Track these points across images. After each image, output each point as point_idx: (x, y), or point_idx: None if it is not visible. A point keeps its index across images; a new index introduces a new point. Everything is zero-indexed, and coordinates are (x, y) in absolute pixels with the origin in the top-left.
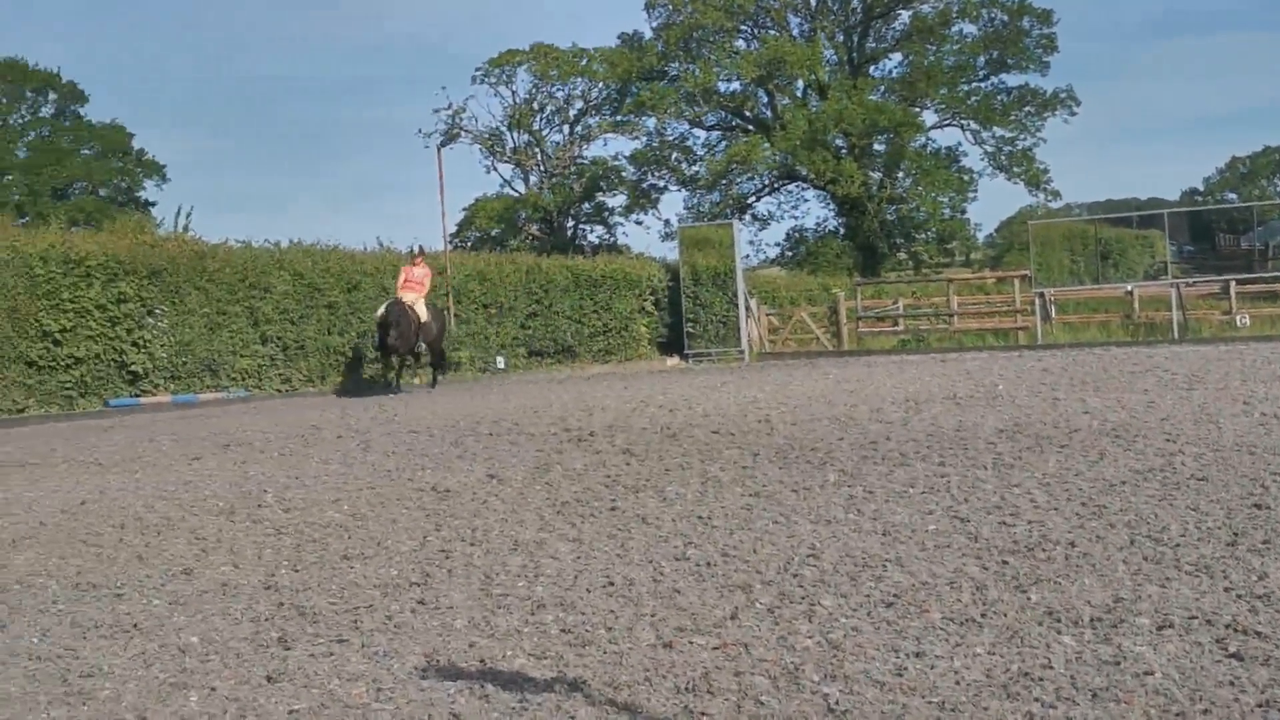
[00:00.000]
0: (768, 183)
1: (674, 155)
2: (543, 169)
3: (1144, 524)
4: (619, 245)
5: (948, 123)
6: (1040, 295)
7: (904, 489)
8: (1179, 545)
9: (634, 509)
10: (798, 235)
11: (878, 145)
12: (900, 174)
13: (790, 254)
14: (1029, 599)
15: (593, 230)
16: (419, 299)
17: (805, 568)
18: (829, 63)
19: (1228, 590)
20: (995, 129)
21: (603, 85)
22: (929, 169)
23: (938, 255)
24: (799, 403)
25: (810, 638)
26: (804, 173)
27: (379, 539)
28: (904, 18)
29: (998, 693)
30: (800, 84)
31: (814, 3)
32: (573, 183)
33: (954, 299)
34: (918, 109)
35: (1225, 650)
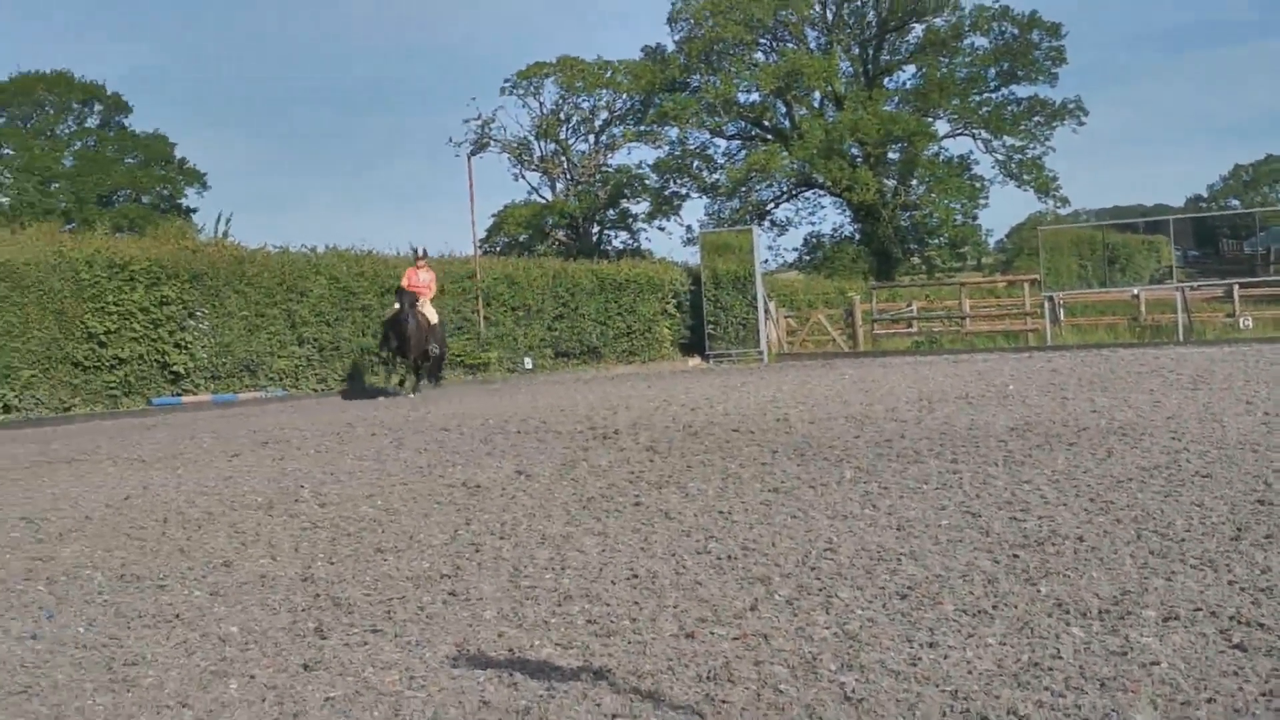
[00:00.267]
0: (786, 190)
1: (695, 163)
2: (569, 177)
3: (1150, 519)
4: (642, 250)
5: (960, 132)
6: (1049, 298)
7: (918, 485)
8: (1184, 540)
9: (657, 504)
10: (815, 240)
11: (892, 154)
12: (914, 182)
13: (808, 258)
14: (1039, 591)
15: (617, 236)
16: (425, 301)
17: (823, 561)
18: (845, 74)
19: (1231, 583)
20: (1006, 138)
21: (627, 96)
22: (942, 177)
23: (950, 260)
24: (816, 402)
25: (827, 628)
26: (821, 180)
27: (411, 533)
28: (917, 31)
29: (1009, 682)
30: (817, 95)
31: (830, 17)
32: (598, 190)
33: (966, 302)
34: (930, 119)
35: (1229, 641)
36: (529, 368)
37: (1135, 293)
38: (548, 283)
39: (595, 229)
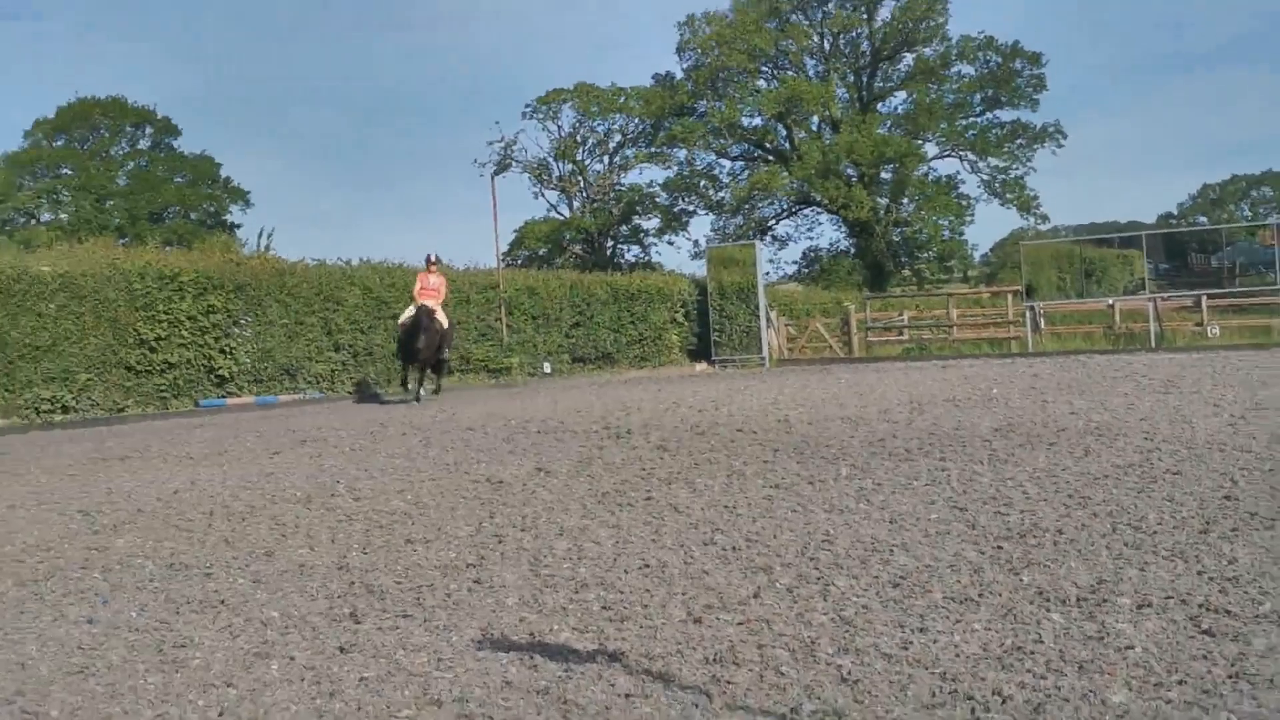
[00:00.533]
0: (786, 208)
1: (702, 183)
2: (585, 195)
3: (1125, 513)
4: (653, 263)
5: (947, 154)
6: (1031, 308)
7: (909, 482)
8: (1156, 533)
9: (667, 499)
10: (813, 254)
11: (885, 174)
12: (905, 200)
13: (806, 271)
14: (1021, 580)
15: (629, 249)
16: (438, 305)
17: (820, 552)
18: (841, 100)
19: (1200, 573)
20: (990, 159)
21: (638, 120)
22: (930, 195)
23: (938, 272)
24: (814, 404)
25: (825, 615)
26: (818, 199)
27: (439, 525)
28: (908, 60)
29: (993, 664)
30: (815, 119)
31: (828, 46)
32: (612, 207)
33: (953, 311)
34: (920, 141)
35: (1199, 627)
36: (548, 372)
37: (1110, 303)
38: (565, 293)
39: (609, 243)
